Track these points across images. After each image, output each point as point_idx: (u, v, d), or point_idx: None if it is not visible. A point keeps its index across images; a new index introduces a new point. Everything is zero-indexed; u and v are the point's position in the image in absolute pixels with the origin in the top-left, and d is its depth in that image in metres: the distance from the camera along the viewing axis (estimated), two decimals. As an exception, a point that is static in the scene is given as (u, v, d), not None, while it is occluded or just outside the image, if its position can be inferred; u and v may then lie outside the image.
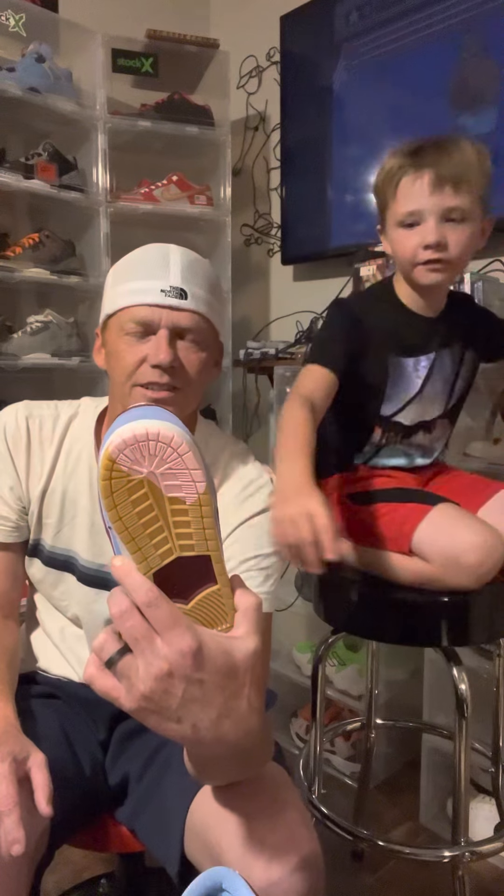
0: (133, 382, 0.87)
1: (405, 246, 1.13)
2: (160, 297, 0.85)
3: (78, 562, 0.98)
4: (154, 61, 2.10)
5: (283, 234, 2.33)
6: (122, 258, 0.92)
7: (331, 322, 1.25)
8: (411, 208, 1.10)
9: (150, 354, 0.86)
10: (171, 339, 0.86)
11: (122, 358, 0.87)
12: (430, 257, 1.11)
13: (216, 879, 0.60)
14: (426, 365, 1.25)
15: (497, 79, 1.71)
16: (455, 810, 1.25)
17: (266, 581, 0.91)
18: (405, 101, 1.92)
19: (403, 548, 1.17)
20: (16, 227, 2.09)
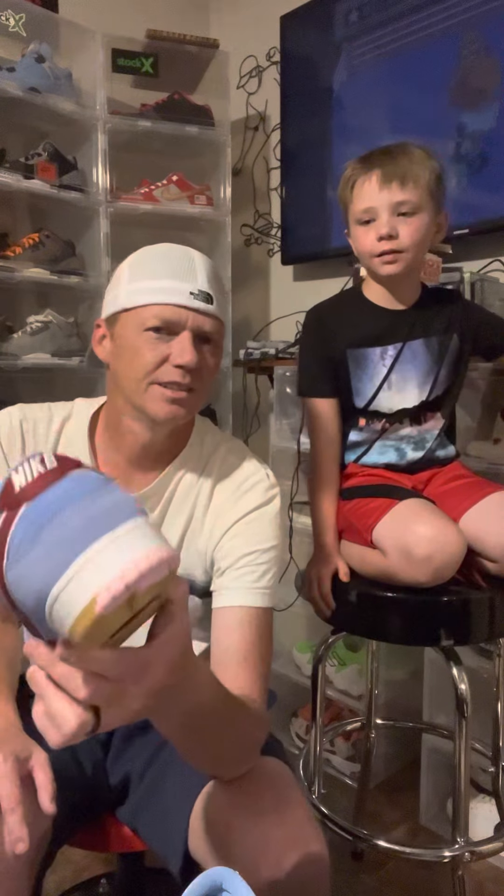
0: (152, 380, 0.87)
1: (363, 241, 1.25)
2: (188, 299, 0.85)
3: None
4: (154, 61, 2.10)
5: (283, 234, 2.33)
6: (139, 253, 0.91)
7: (304, 344, 1.39)
8: (365, 206, 1.22)
9: (173, 354, 0.85)
10: (195, 342, 0.86)
11: (142, 355, 0.86)
12: (384, 248, 1.22)
13: (216, 879, 0.60)
14: (393, 353, 1.31)
15: (497, 78, 1.71)
16: (455, 810, 1.25)
17: (263, 576, 0.91)
18: (405, 101, 1.92)
19: (366, 540, 1.21)
20: (16, 227, 2.09)
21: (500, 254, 1.76)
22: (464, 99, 1.78)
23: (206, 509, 0.96)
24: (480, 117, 1.75)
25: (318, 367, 1.33)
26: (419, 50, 1.87)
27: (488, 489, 1.27)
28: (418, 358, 1.32)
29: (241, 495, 0.94)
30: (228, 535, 0.92)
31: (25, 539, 0.42)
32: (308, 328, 1.37)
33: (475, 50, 1.75)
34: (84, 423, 0.97)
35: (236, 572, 0.91)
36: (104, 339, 0.92)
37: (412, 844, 1.36)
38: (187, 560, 0.96)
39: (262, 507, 0.93)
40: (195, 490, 0.96)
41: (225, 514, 0.93)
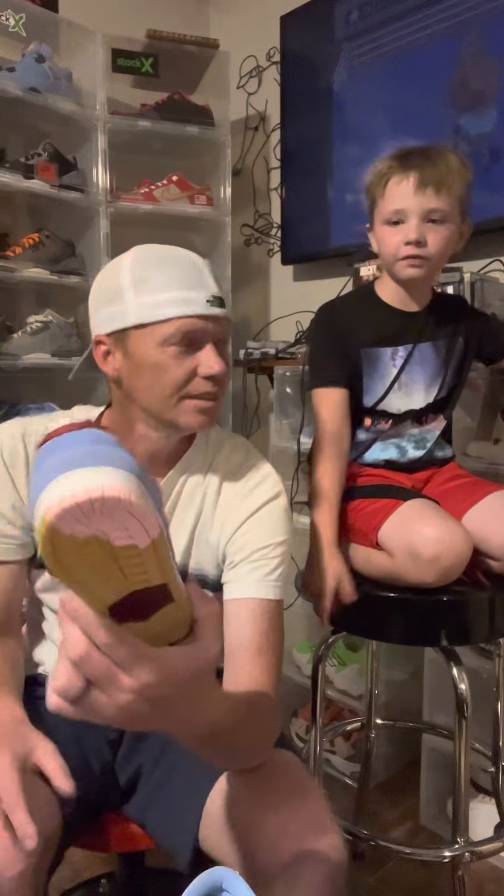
0: (183, 395, 0.87)
1: (389, 242, 1.22)
2: (206, 307, 0.84)
3: None
4: (154, 61, 2.10)
5: (283, 234, 2.33)
6: (139, 263, 0.87)
7: (317, 339, 1.36)
8: (396, 207, 1.19)
9: (201, 366, 0.85)
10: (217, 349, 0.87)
11: (169, 371, 0.85)
12: (410, 253, 1.20)
13: (216, 879, 0.60)
14: (403, 354, 1.31)
15: (497, 79, 1.71)
16: (455, 810, 1.25)
17: (276, 569, 0.93)
18: (405, 101, 1.92)
19: (371, 542, 1.21)
20: (16, 227, 2.09)
21: (500, 254, 1.76)
22: (463, 99, 1.78)
23: (216, 505, 0.97)
24: (480, 118, 1.75)
25: (332, 360, 1.31)
26: (419, 50, 1.87)
27: (488, 488, 1.28)
28: (427, 360, 1.32)
29: (251, 490, 0.96)
30: (242, 529, 0.94)
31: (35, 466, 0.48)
32: (320, 325, 1.36)
33: (475, 50, 1.75)
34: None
35: (250, 565, 0.93)
36: (109, 354, 0.90)
37: (412, 844, 1.36)
38: (199, 555, 0.97)
39: (272, 500, 0.96)
40: (202, 487, 0.98)
41: (236, 510, 0.95)
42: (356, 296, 1.41)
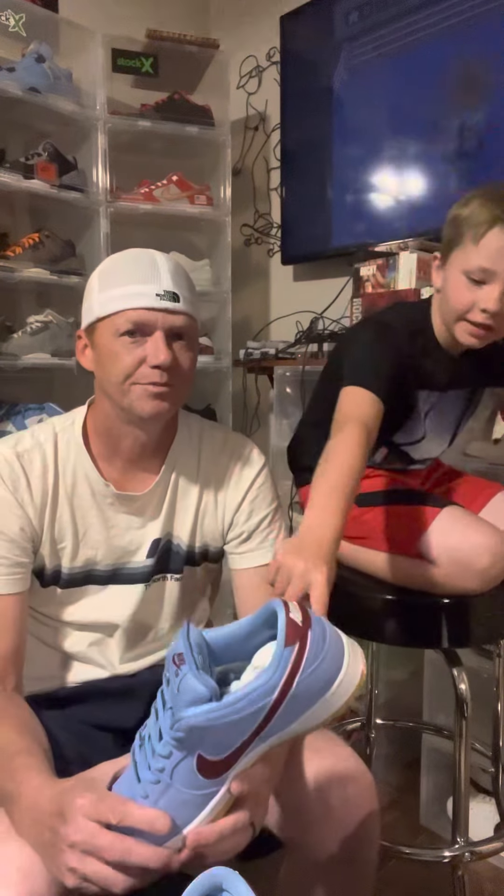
0: (132, 381, 0.90)
1: (462, 297, 1.10)
2: (156, 300, 0.88)
3: (96, 569, 1.00)
4: (154, 61, 2.10)
5: (283, 234, 2.33)
6: (106, 263, 0.94)
7: (373, 345, 1.18)
8: (487, 266, 1.06)
9: (149, 355, 0.89)
10: (167, 341, 0.90)
11: (121, 359, 0.90)
12: (481, 321, 1.09)
13: (216, 879, 0.60)
14: (433, 400, 1.24)
15: (496, 78, 1.71)
16: (455, 810, 1.25)
17: (280, 532, 1.05)
18: (405, 101, 1.92)
19: (411, 551, 1.16)
20: (16, 227, 2.09)
21: (500, 254, 1.76)
22: (463, 99, 1.78)
23: (213, 484, 1.04)
24: (480, 117, 1.75)
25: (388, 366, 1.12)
26: (419, 50, 1.87)
27: (492, 487, 1.28)
28: (450, 408, 1.27)
29: (244, 463, 1.05)
30: (247, 500, 1.03)
31: (315, 654, 0.62)
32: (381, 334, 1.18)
33: (474, 50, 1.75)
34: (76, 436, 0.99)
35: (261, 534, 1.03)
36: (86, 348, 0.96)
37: (412, 844, 1.36)
38: (203, 533, 1.04)
39: (264, 468, 1.06)
40: (196, 472, 1.03)
41: (235, 484, 1.03)
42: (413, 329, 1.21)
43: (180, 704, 0.59)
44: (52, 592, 1.00)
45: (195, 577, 1.07)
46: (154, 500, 1.01)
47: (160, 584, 1.04)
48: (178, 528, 1.03)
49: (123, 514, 1.00)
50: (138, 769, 0.64)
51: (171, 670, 0.62)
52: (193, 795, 0.63)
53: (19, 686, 0.92)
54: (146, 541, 1.01)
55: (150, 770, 0.63)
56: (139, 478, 1.00)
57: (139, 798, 0.64)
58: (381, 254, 1.79)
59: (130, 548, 1.01)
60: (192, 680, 0.59)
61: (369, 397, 1.06)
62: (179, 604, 1.06)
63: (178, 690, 0.60)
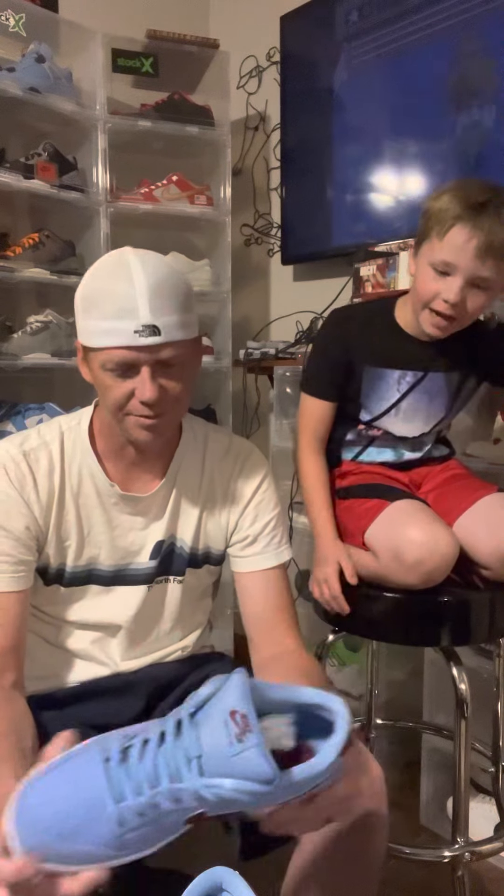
0: (124, 412, 0.90)
1: (427, 287, 1.15)
2: (134, 338, 0.84)
3: (99, 569, 1.01)
4: (154, 61, 2.10)
5: (283, 234, 2.33)
6: (88, 280, 0.89)
7: (320, 345, 1.35)
8: (449, 259, 1.11)
9: (136, 390, 0.87)
10: (154, 373, 0.87)
11: (111, 392, 0.89)
12: (442, 310, 1.14)
13: (216, 879, 0.60)
14: (410, 380, 1.27)
15: (496, 78, 1.71)
16: (455, 810, 1.25)
17: (283, 536, 1.06)
18: (405, 101, 1.92)
19: (359, 542, 1.21)
20: (16, 227, 2.09)
21: (500, 254, 1.76)
22: (463, 99, 1.78)
23: (217, 487, 1.04)
24: (480, 117, 1.75)
25: (328, 371, 1.30)
26: (419, 50, 1.87)
27: (480, 492, 1.26)
28: (435, 390, 1.29)
29: (250, 467, 1.05)
30: (252, 504, 1.04)
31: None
32: (328, 332, 1.33)
33: (474, 50, 1.75)
34: (82, 436, 0.99)
35: (266, 538, 1.04)
36: (83, 361, 0.94)
37: (412, 844, 1.36)
38: (207, 536, 1.05)
39: (268, 473, 1.07)
40: (200, 474, 1.04)
41: (240, 488, 1.04)
42: (372, 311, 1.33)
43: (233, 772, 0.54)
44: (55, 591, 1.00)
45: (197, 580, 1.07)
46: (158, 502, 1.01)
47: (162, 586, 1.04)
48: (182, 531, 1.03)
49: (127, 515, 1.00)
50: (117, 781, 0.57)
51: (228, 725, 0.55)
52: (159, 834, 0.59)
53: (19, 683, 0.92)
54: (149, 542, 1.01)
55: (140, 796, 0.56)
56: (144, 479, 1.01)
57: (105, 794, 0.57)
58: (381, 254, 1.79)
59: (133, 549, 1.01)
60: (259, 758, 0.53)
61: (315, 403, 1.31)
62: (181, 605, 1.06)
63: (236, 758, 0.54)
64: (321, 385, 1.32)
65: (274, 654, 0.99)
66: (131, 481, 1.00)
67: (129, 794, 0.56)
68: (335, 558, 1.23)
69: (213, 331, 2.27)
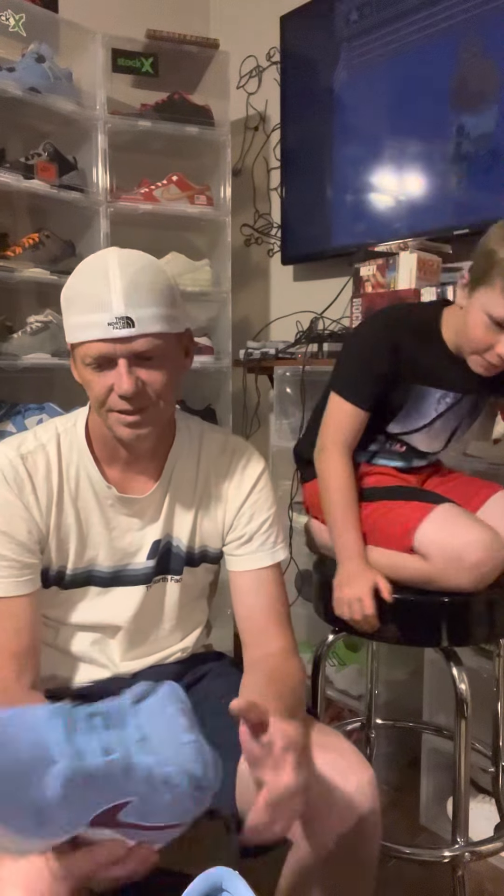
0: (107, 408, 0.90)
1: (481, 335, 1.13)
2: (108, 330, 0.84)
3: (98, 570, 1.01)
4: (154, 61, 2.10)
5: (283, 234, 2.33)
6: (69, 280, 0.90)
7: (366, 347, 1.25)
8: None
9: (115, 384, 0.88)
10: (131, 366, 0.87)
11: (93, 388, 0.90)
12: (496, 363, 1.14)
13: (216, 879, 0.60)
14: (449, 401, 1.27)
15: (497, 78, 1.71)
16: (455, 810, 1.25)
17: (278, 535, 1.06)
18: (405, 101, 1.92)
19: (405, 546, 1.18)
20: (16, 227, 2.09)
21: (500, 254, 1.76)
22: (464, 99, 1.78)
23: (214, 485, 1.04)
24: (480, 118, 1.75)
25: (372, 380, 1.23)
26: (419, 50, 1.87)
27: (490, 488, 1.29)
28: (463, 412, 1.30)
29: (245, 467, 1.05)
30: (248, 503, 1.04)
31: None
32: (380, 333, 1.24)
33: (475, 50, 1.75)
34: (79, 438, 0.99)
35: (261, 537, 1.04)
36: (72, 360, 0.95)
37: (412, 844, 1.36)
38: (203, 534, 1.05)
39: (264, 472, 1.06)
40: (195, 473, 1.04)
41: (236, 487, 1.04)
42: (422, 321, 1.25)
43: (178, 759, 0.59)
44: (55, 593, 1.01)
45: (194, 578, 1.08)
46: (154, 503, 1.01)
47: (161, 586, 1.04)
48: (178, 530, 1.04)
49: (124, 516, 1.00)
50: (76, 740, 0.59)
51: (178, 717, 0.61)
52: (78, 818, 0.60)
53: (36, 684, 0.93)
54: (146, 542, 1.02)
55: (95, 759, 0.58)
56: (140, 480, 1.01)
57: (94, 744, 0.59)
58: (381, 254, 1.79)
59: (131, 549, 1.01)
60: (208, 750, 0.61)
61: (351, 409, 1.23)
62: (179, 604, 1.06)
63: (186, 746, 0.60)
64: (361, 393, 1.23)
65: (258, 657, 0.99)
66: (127, 482, 1.00)
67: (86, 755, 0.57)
68: (371, 577, 1.18)
69: (213, 331, 2.27)
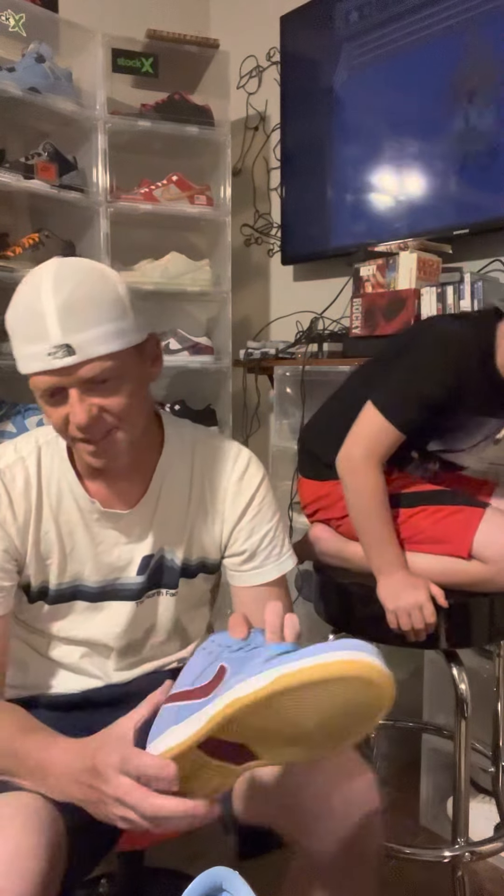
0: (69, 438, 0.86)
1: None
2: (48, 361, 0.79)
3: (85, 585, 0.98)
4: (154, 61, 2.10)
5: (283, 234, 2.33)
6: (11, 302, 0.83)
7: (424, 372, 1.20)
8: None
9: (69, 415, 0.83)
10: (84, 394, 0.82)
11: (51, 418, 0.85)
12: None
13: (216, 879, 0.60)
14: (494, 427, 1.30)
15: (497, 78, 1.71)
16: (455, 810, 1.25)
17: (284, 544, 1.02)
18: (405, 101, 1.92)
19: (463, 551, 1.18)
20: (16, 227, 2.09)
21: (500, 254, 1.76)
22: (463, 99, 1.78)
23: (208, 496, 0.99)
24: (480, 118, 1.75)
25: (422, 407, 1.19)
26: (419, 50, 1.87)
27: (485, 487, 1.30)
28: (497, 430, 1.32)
29: (242, 474, 1.00)
30: (248, 515, 0.99)
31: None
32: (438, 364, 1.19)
33: (475, 50, 1.75)
34: (61, 450, 0.95)
35: (265, 551, 1.00)
36: None
37: (412, 844, 1.36)
38: (200, 546, 1.01)
39: (264, 481, 1.01)
40: (188, 484, 0.99)
41: (236, 496, 0.99)
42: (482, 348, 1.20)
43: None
44: (40, 608, 0.98)
45: (192, 589, 1.04)
46: (142, 517, 0.97)
47: (153, 600, 1.01)
48: (171, 544, 0.99)
49: (110, 531, 0.96)
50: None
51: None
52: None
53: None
54: (136, 557, 0.97)
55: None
56: (126, 494, 0.96)
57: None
58: (381, 254, 1.79)
59: (119, 564, 0.97)
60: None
61: (391, 432, 1.19)
62: (175, 617, 1.03)
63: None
64: (405, 417, 1.19)
65: None
66: (113, 496, 0.95)
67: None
68: (424, 585, 1.17)
69: (213, 331, 2.27)
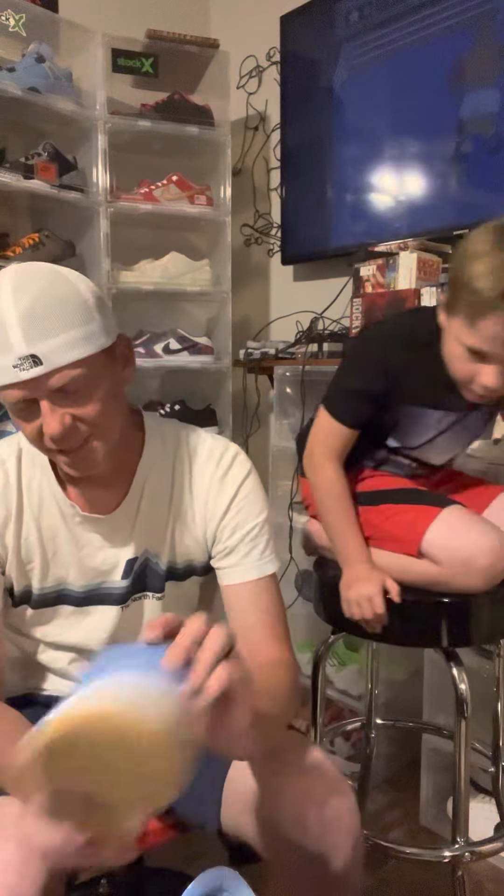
0: (46, 450, 0.84)
1: (462, 367, 1.10)
2: (15, 374, 0.76)
3: (69, 589, 0.97)
4: (154, 61, 2.10)
5: (283, 234, 2.33)
6: None
7: (355, 367, 1.23)
8: (483, 348, 1.04)
9: (43, 427, 0.80)
10: (55, 404, 0.79)
11: (25, 431, 0.83)
12: (483, 393, 1.10)
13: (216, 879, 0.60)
14: (451, 420, 1.25)
15: (497, 78, 1.71)
16: (455, 810, 1.25)
17: (267, 546, 0.97)
18: (405, 101, 1.92)
19: (412, 550, 1.17)
20: (16, 227, 2.09)
21: (500, 254, 1.76)
22: (463, 100, 1.78)
23: (193, 493, 0.97)
24: (480, 118, 1.75)
25: (360, 400, 1.21)
26: (419, 50, 1.87)
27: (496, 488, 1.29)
28: (473, 425, 1.28)
29: (226, 471, 0.97)
30: (231, 512, 0.96)
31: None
32: (371, 350, 1.22)
33: (475, 50, 1.75)
34: (42, 455, 0.92)
35: (245, 547, 0.95)
36: None
37: (412, 844, 1.36)
38: (184, 547, 0.98)
39: (248, 477, 0.97)
40: (170, 484, 0.96)
41: (216, 494, 0.96)
42: (416, 336, 1.18)
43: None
44: (24, 612, 0.97)
45: (181, 592, 1.01)
46: (124, 520, 0.95)
47: (139, 604, 0.99)
48: (155, 546, 0.97)
49: (93, 534, 0.95)
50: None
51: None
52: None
53: None
54: (120, 561, 0.96)
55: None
56: (107, 497, 0.94)
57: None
58: (381, 254, 1.79)
59: (104, 568, 0.96)
60: None
61: (338, 429, 1.22)
62: None
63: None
64: (348, 412, 1.21)
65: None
66: (93, 500, 0.94)
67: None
68: (379, 577, 1.18)
69: (213, 331, 2.27)
